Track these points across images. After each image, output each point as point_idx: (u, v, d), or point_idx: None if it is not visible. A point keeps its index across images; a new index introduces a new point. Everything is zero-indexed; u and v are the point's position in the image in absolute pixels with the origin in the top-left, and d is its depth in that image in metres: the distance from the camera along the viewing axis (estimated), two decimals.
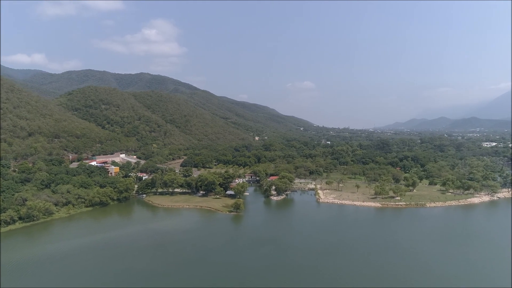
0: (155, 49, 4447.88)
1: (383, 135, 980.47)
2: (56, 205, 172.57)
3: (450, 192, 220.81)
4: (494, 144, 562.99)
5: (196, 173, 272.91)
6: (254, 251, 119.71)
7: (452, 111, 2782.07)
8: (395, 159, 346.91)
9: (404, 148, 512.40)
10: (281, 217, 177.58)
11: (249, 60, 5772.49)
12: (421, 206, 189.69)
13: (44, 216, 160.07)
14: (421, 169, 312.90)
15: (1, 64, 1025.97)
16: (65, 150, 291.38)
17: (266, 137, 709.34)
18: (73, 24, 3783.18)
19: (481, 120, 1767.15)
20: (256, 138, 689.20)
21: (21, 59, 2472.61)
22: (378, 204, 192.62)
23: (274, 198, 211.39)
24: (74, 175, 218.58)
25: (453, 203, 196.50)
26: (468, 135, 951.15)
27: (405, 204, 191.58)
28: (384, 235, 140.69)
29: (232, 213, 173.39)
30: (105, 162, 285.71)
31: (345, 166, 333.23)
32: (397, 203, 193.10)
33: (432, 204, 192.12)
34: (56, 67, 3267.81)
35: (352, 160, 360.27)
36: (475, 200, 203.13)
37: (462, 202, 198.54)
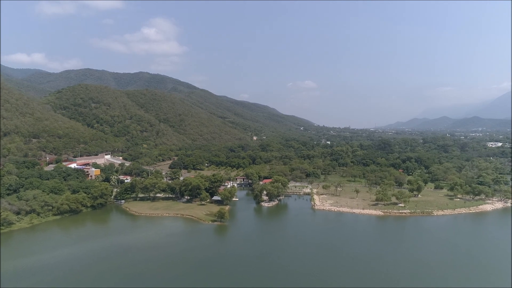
0: (155, 48, 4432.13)
1: (384, 134, 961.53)
2: (18, 213, 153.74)
3: (459, 198, 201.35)
4: (499, 144, 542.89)
5: (186, 175, 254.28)
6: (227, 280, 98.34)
7: (453, 111, 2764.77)
8: (397, 160, 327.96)
9: (407, 148, 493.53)
10: (269, 229, 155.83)
11: (250, 59, 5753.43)
12: (428, 215, 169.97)
13: (1, 227, 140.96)
14: (425, 171, 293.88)
15: (1, 63, 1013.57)
16: (43, 151, 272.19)
17: (264, 137, 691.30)
18: (73, 23, 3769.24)
19: (483, 119, 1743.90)
20: (254, 138, 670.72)
21: (20, 59, 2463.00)
22: (379, 212, 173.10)
23: (266, 204, 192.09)
24: (48, 179, 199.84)
25: (463, 210, 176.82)
26: (471, 134, 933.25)
27: (410, 212, 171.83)
28: (386, 255, 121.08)
29: (215, 222, 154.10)
30: (87, 164, 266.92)
31: (345, 168, 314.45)
32: (400, 211, 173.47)
33: (440, 212, 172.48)
34: (56, 67, 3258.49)
35: (352, 161, 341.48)
36: (487, 207, 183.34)
37: (473, 209, 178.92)
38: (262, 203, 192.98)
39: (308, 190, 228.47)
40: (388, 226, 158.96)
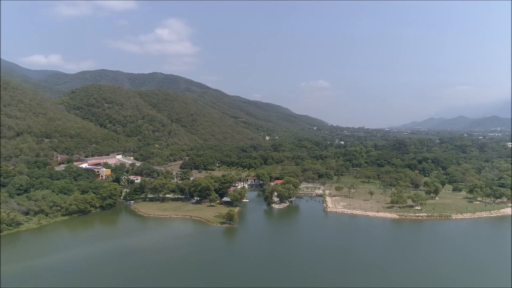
0: (169, 48, 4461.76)
1: (399, 134, 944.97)
2: (27, 214, 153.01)
3: (479, 201, 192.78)
4: None
5: (196, 175, 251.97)
6: (235, 283, 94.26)
7: (471, 110, 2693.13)
8: (413, 161, 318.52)
9: (423, 148, 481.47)
10: (279, 231, 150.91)
11: (263, 59, 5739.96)
12: (446, 218, 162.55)
13: (9, 228, 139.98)
14: (442, 172, 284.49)
15: (19, 65, 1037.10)
16: (55, 151, 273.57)
17: (277, 137, 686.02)
18: (88, 25, 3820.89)
19: (502, 119, 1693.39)
20: (267, 137, 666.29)
21: (38, 60, 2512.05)
22: (394, 215, 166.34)
23: (276, 206, 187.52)
24: (58, 179, 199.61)
25: (484, 214, 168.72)
26: (490, 134, 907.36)
27: (427, 216, 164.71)
28: (401, 261, 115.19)
29: (224, 225, 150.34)
30: (98, 164, 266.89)
31: (358, 169, 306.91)
32: (417, 214, 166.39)
33: (459, 216, 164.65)
34: (73, 68, 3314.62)
35: (366, 162, 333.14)
36: (510, 210, 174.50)
37: (495, 213, 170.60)
38: (273, 205, 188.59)
39: (320, 192, 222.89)
40: (404, 230, 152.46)
